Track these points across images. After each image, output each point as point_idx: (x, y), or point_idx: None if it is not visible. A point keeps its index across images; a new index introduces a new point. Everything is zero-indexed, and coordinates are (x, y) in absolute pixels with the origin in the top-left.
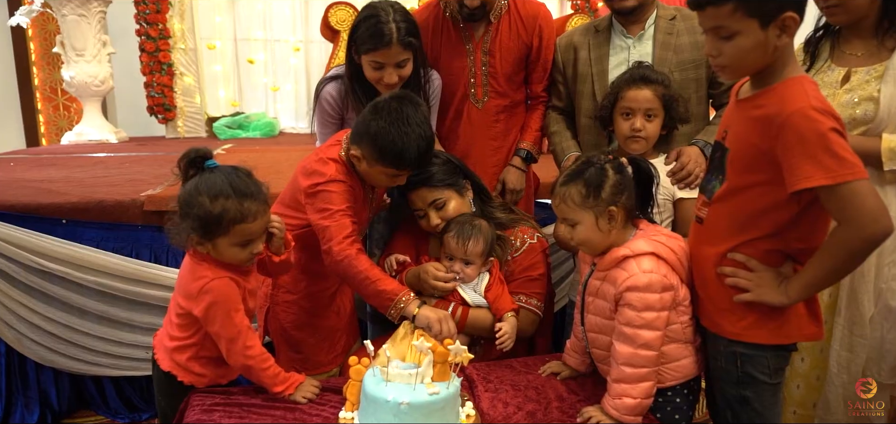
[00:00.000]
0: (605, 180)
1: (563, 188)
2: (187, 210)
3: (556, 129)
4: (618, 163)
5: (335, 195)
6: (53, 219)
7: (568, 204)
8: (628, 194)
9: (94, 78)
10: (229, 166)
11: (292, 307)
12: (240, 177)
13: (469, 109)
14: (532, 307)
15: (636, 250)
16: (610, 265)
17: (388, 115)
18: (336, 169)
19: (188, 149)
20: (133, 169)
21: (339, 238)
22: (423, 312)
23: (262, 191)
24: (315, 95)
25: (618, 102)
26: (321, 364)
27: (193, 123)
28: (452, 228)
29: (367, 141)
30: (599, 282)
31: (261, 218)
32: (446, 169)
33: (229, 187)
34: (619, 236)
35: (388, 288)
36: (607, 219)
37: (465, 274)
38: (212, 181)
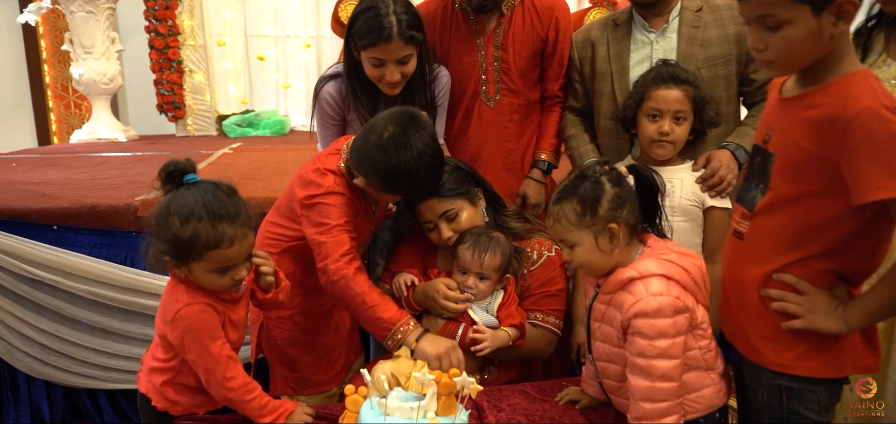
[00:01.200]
0: (601, 195)
1: (557, 207)
2: (158, 232)
3: (573, 132)
4: (615, 174)
5: (333, 209)
6: (44, 225)
7: (563, 224)
8: (630, 208)
9: (102, 76)
10: (210, 183)
11: (286, 322)
12: (217, 196)
13: (480, 108)
14: (549, 325)
15: (644, 272)
16: (615, 288)
17: (394, 146)
18: (334, 181)
19: (167, 160)
20: (134, 170)
21: (335, 256)
22: (422, 345)
23: (241, 213)
24: (314, 94)
25: (644, 103)
26: (319, 384)
27: (203, 121)
28: (468, 239)
29: (372, 175)
30: (604, 306)
31: (239, 243)
32: (456, 177)
33: (202, 208)
34: (624, 254)
35: (386, 315)
36: (608, 238)
37: (478, 290)
38: (184, 200)
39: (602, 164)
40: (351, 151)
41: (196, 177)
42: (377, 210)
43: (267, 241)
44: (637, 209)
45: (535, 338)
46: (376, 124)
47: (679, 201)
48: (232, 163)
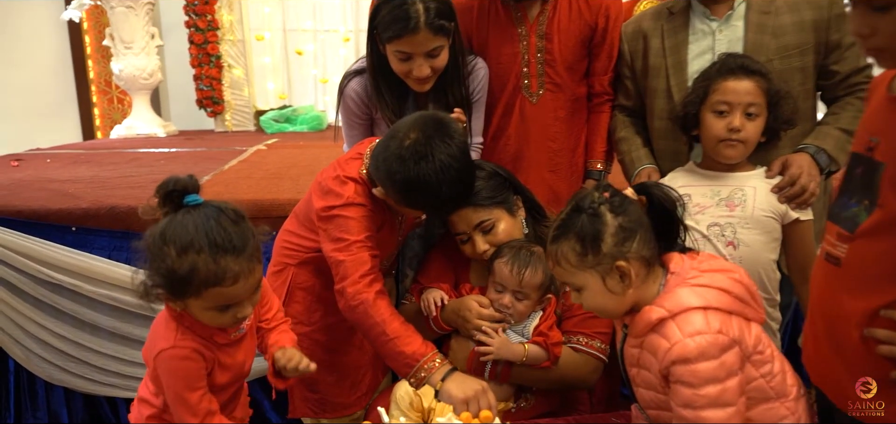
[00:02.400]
0: (602, 229)
1: (555, 247)
2: (152, 261)
3: (623, 135)
4: (618, 200)
5: (353, 222)
6: (63, 227)
7: (563, 266)
8: (641, 239)
9: (142, 71)
10: (213, 207)
11: (305, 341)
12: (220, 224)
13: (521, 104)
14: (594, 350)
15: (674, 307)
16: (644, 331)
17: (413, 155)
18: (354, 190)
19: (167, 178)
20: (166, 167)
21: (354, 277)
22: (449, 387)
23: (248, 244)
24: (339, 90)
25: (708, 97)
26: (343, 407)
27: (242, 116)
28: (505, 253)
29: (389, 187)
30: (637, 351)
31: (244, 280)
32: (493, 184)
33: (203, 238)
34: (644, 290)
35: (409, 349)
36: (617, 277)
37: (515, 310)
38: (182, 228)
39: (600, 190)
40: (371, 157)
41: (198, 198)
42: (404, 222)
43: (284, 251)
44: (651, 237)
45: (578, 364)
46: (398, 130)
47: (752, 212)
48: (263, 160)
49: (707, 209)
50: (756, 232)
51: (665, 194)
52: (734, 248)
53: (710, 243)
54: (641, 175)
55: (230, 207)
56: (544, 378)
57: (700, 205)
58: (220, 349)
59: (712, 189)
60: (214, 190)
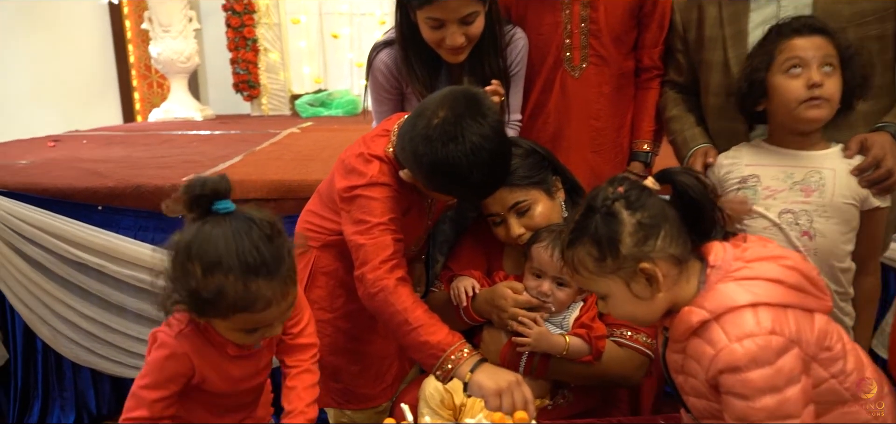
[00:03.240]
0: (619, 229)
1: (570, 253)
2: (175, 275)
3: (675, 113)
4: (635, 194)
5: (376, 203)
6: (89, 205)
7: (582, 274)
8: (667, 235)
9: (179, 54)
10: (245, 217)
11: (327, 327)
12: (252, 240)
13: (563, 79)
14: (640, 345)
15: (717, 307)
16: (685, 336)
17: (441, 136)
18: (379, 169)
19: (193, 178)
20: (197, 149)
21: (374, 262)
22: (479, 378)
23: (283, 265)
24: (368, 63)
25: (775, 60)
26: (367, 398)
27: (278, 100)
28: (544, 237)
29: (415, 169)
30: (680, 357)
31: (277, 305)
32: (530, 163)
33: (233, 258)
34: (679, 290)
35: (434, 339)
36: (644, 281)
37: (555, 299)
38: (211, 243)
39: (615, 184)
40: (398, 136)
41: (229, 204)
42: (433, 206)
43: (306, 233)
44: (680, 231)
45: (622, 360)
46: (426, 107)
47: (832, 198)
48: (295, 142)
49: (779, 194)
50: (834, 221)
51: (692, 180)
52: (810, 238)
53: (781, 232)
54: (696, 155)
55: (264, 218)
56: (585, 374)
57: (770, 188)
58: (230, 361)
59: (784, 170)
60: (243, 171)
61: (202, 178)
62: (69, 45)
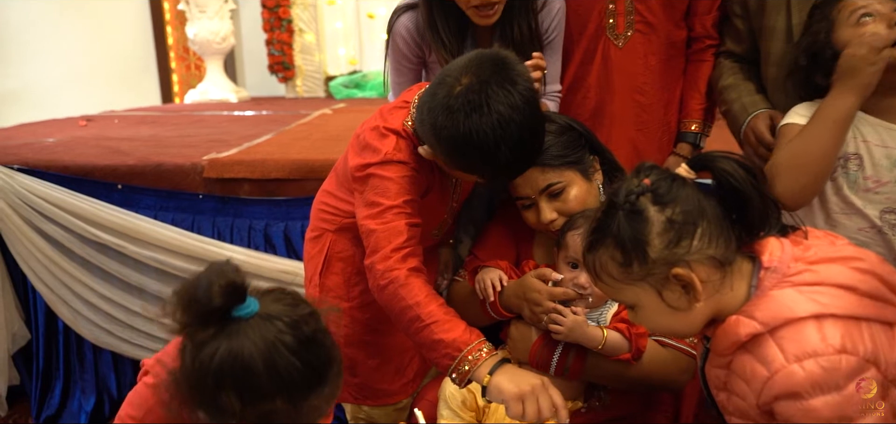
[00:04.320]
0: (646, 229)
1: (591, 257)
2: (204, 401)
3: (730, 81)
4: (663, 185)
5: (390, 184)
6: (109, 184)
7: (606, 281)
8: (704, 232)
9: (215, 35)
10: (274, 317)
11: (344, 317)
12: (293, 349)
13: (605, 49)
14: (686, 345)
15: (773, 319)
16: (730, 350)
17: (465, 106)
18: (396, 145)
19: (194, 283)
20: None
21: (385, 250)
22: (498, 381)
23: (332, 366)
24: (388, 28)
25: (837, 19)
26: (386, 394)
27: (312, 82)
28: (580, 223)
29: (435, 145)
30: (723, 373)
31: (328, 406)
32: (565, 140)
33: (278, 381)
34: (725, 297)
35: (448, 337)
36: (679, 289)
37: (593, 291)
38: (245, 365)
39: (640, 175)
40: (417, 107)
41: (252, 303)
42: (458, 187)
43: (322, 214)
44: (721, 228)
45: (665, 361)
46: (448, 74)
47: None
48: (325, 123)
49: (883, 187)
50: None
51: (733, 165)
52: None
53: (881, 237)
54: (758, 120)
55: (297, 314)
56: (623, 376)
57: (873, 179)
58: None
59: (887, 151)
60: (267, 150)
61: (207, 281)
62: (109, 28)
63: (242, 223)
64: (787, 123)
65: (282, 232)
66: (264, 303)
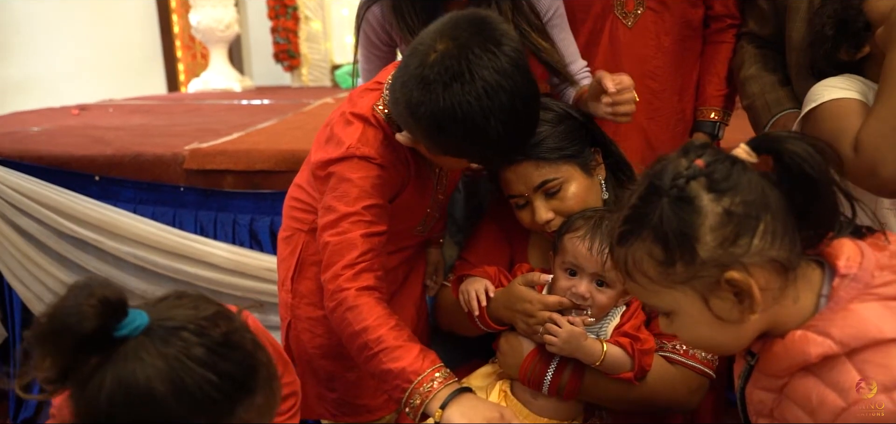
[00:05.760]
0: (696, 221)
1: (622, 250)
2: None
3: (753, 71)
4: (720, 169)
5: (350, 187)
6: (86, 175)
7: (638, 281)
8: (768, 228)
9: (219, 22)
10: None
11: (318, 327)
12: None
13: (613, 28)
14: (697, 362)
15: (852, 339)
16: (789, 370)
17: (442, 76)
18: (361, 135)
19: (53, 314)
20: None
21: (336, 267)
22: (450, 414)
23: (258, 369)
24: (357, 18)
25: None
26: (366, 410)
27: (318, 71)
28: (580, 225)
29: (416, 128)
30: (773, 397)
31: (269, 416)
32: (563, 131)
33: (192, 404)
34: (785, 308)
35: (397, 366)
36: (731, 297)
37: (594, 302)
38: (146, 395)
39: (692, 154)
40: (390, 87)
41: (140, 316)
42: (444, 177)
43: (293, 212)
44: (788, 225)
45: (673, 381)
46: (421, 42)
47: None
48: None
49: None
50: None
51: (806, 148)
52: None
53: None
54: (783, 122)
55: (201, 316)
56: (625, 397)
57: None
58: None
59: None
60: (254, 140)
61: (74, 303)
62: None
63: (226, 218)
64: (833, 99)
65: (268, 227)
66: (158, 312)
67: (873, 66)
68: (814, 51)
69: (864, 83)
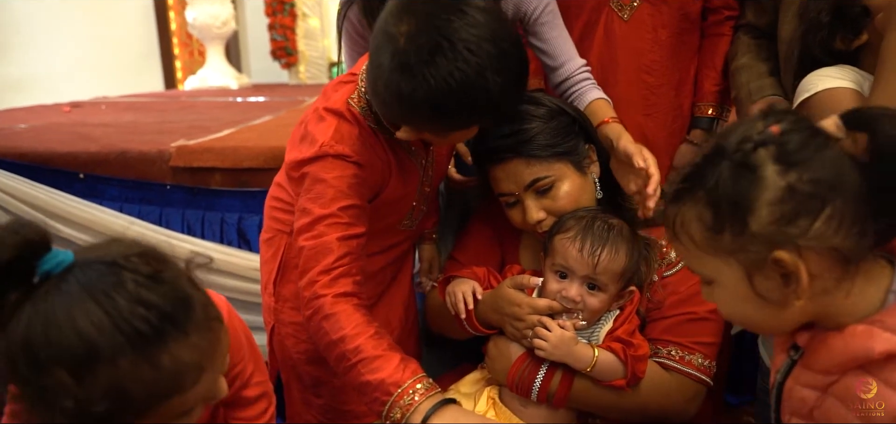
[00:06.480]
0: (755, 191)
1: (674, 209)
2: (29, 399)
3: (743, 61)
4: (797, 135)
5: (325, 187)
6: (70, 173)
7: (683, 243)
8: (835, 213)
9: (215, 19)
10: (99, 261)
11: (303, 331)
12: (133, 292)
13: (608, 22)
14: (693, 369)
15: None
16: (842, 367)
17: (422, 55)
18: (335, 133)
19: None
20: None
21: (312, 273)
22: None
23: (193, 305)
24: (339, 16)
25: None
26: (354, 416)
27: (316, 68)
28: (571, 225)
29: (418, 119)
30: (816, 395)
31: (211, 366)
32: (555, 127)
33: (117, 333)
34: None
35: (376, 378)
36: (778, 278)
37: (585, 306)
38: (67, 325)
39: (770, 119)
40: (371, 94)
41: (63, 254)
42: (430, 164)
43: (274, 212)
44: (859, 213)
45: (668, 389)
46: (380, 31)
47: None
48: None
49: None
50: None
51: None
52: None
53: None
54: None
55: (130, 251)
56: (617, 405)
57: None
58: None
59: None
60: (243, 137)
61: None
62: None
63: (214, 216)
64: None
65: (257, 226)
66: (85, 252)
67: (869, 56)
68: (809, 39)
69: (859, 73)
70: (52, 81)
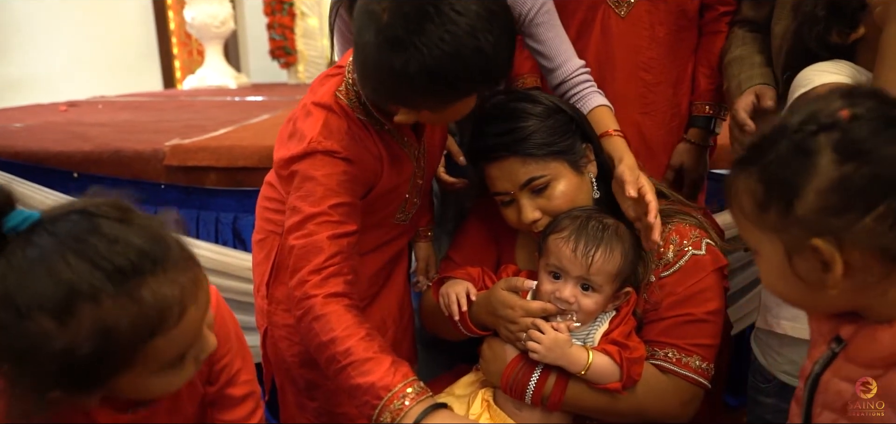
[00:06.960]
0: (806, 176)
1: (732, 177)
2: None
3: (736, 54)
4: (867, 125)
5: (315, 185)
6: (64, 172)
7: (734, 210)
8: (889, 212)
9: (214, 18)
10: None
11: (296, 334)
12: (106, 234)
13: (605, 19)
14: (690, 372)
15: None
16: (887, 363)
17: (410, 27)
18: (322, 128)
19: None
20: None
21: (302, 273)
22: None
23: (165, 244)
24: (331, 13)
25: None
26: (348, 420)
27: (315, 68)
28: (566, 225)
29: (418, 98)
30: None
31: (194, 303)
32: (552, 125)
33: (96, 272)
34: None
35: (366, 381)
36: (817, 263)
37: (579, 307)
38: (44, 271)
39: (843, 101)
40: (360, 83)
41: (28, 213)
42: (424, 154)
43: (266, 213)
44: None
45: (664, 391)
46: (364, 13)
47: None
48: None
49: None
50: None
51: None
52: None
53: None
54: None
55: (99, 202)
56: (612, 408)
57: None
58: None
59: None
60: (239, 136)
61: None
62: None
63: (209, 216)
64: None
65: (252, 226)
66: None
67: (865, 50)
68: (804, 32)
69: (855, 68)
70: (51, 80)
